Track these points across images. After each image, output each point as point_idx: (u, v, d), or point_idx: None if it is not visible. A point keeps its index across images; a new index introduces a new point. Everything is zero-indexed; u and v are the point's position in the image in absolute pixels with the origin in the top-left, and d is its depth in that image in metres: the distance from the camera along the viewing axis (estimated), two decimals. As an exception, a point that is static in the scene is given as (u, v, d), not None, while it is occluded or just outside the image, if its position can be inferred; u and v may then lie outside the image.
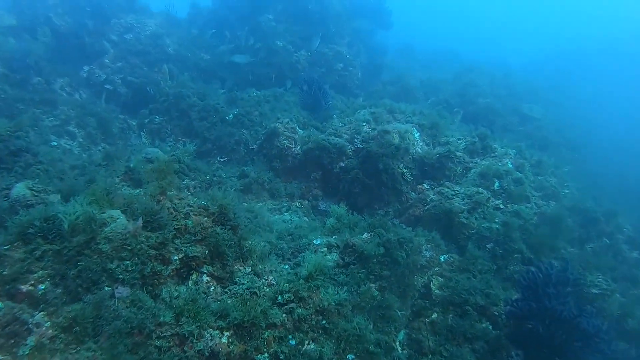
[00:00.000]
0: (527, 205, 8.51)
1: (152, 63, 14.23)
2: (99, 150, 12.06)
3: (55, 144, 11.44)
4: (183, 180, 8.01)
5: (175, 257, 4.81)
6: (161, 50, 14.30)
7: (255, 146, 10.55)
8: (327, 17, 16.50)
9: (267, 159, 9.97)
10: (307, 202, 9.38)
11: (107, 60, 13.71)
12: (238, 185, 8.48)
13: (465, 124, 13.08)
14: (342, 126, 10.06)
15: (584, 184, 10.83)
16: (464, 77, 16.89)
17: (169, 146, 12.41)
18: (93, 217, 4.48)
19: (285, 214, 8.46)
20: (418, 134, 9.53)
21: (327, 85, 14.80)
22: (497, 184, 8.80)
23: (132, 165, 7.39)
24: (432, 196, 8.52)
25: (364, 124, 9.94)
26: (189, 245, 4.96)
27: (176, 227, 4.95)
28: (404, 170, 8.68)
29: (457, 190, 8.46)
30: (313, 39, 16.48)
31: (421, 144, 9.41)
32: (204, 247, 5.09)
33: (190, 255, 4.92)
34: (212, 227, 5.22)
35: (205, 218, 5.25)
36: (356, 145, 9.32)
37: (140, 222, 4.61)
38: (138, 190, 5.46)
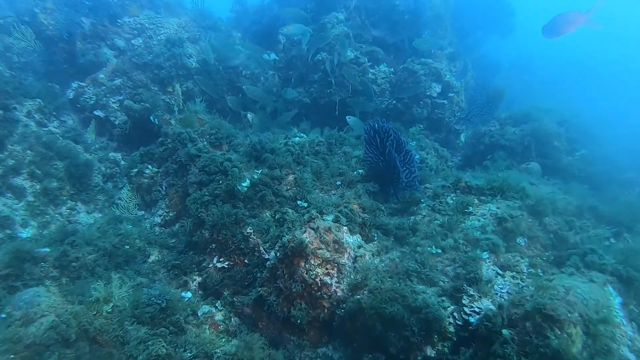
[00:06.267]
0: None
1: (165, 80, 10.09)
2: (58, 215, 8.15)
3: (-12, 206, 7.70)
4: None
5: None
6: (177, 62, 10.06)
7: (271, 257, 5.80)
8: (421, 19, 11.23)
9: (285, 299, 5.15)
10: (349, 412, 4.44)
11: (102, 76, 9.78)
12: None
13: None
14: (435, 252, 4.89)
15: None
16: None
17: (159, 215, 8.19)
18: None
19: None
20: (619, 299, 4.12)
21: (413, 128, 9.64)
22: None
23: None
24: None
25: (485, 253, 4.71)
26: None
27: None
28: None
29: None
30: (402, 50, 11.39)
31: (630, 330, 4.00)
32: None
33: None
34: None
35: None
36: (466, 317, 4.17)
37: None
38: None
